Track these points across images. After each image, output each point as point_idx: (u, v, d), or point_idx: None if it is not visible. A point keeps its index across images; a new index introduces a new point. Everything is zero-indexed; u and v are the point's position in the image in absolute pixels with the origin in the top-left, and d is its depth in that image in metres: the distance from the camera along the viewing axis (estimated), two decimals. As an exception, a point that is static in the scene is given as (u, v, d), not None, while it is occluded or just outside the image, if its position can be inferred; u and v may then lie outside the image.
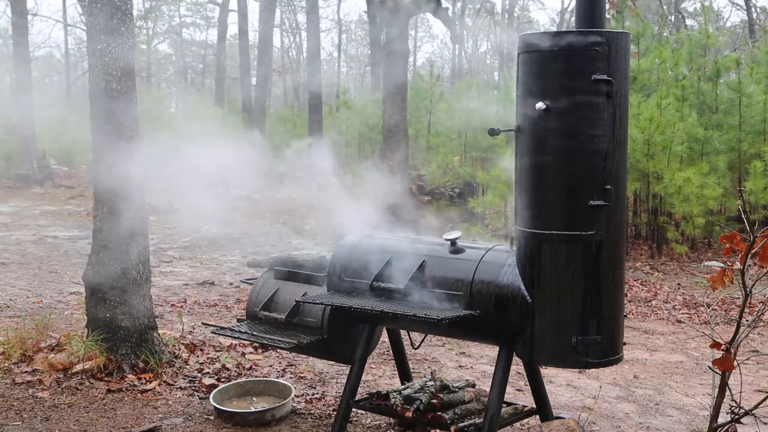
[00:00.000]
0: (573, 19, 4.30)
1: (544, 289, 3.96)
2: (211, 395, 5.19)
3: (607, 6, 13.96)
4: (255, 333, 4.75)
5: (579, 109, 3.78)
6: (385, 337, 5.19)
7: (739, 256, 3.57)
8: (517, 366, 5.71)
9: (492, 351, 6.64)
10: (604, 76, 3.75)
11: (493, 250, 4.27)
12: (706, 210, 12.05)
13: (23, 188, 19.32)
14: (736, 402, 3.81)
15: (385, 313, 4.25)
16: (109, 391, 5.40)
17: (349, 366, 4.67)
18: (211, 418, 5.08)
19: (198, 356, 6.21)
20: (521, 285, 4.03)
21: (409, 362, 5.29)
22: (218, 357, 6.25)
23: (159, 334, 5.96)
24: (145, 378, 5.59)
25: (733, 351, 3.66)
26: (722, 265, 3.63)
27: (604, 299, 3.93)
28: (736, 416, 3.79)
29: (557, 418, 4.56)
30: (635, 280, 10.74)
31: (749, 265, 3.59)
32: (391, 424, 5.01)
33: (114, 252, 5.62)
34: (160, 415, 5.09)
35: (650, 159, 12.22)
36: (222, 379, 5.76)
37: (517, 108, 4.01)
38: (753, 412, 3.76)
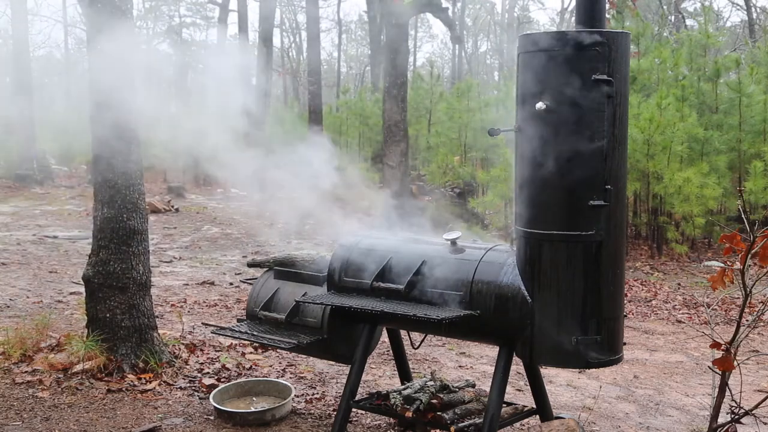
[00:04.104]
0: (573, 19, 4.29)
1: (544, 289, 3.96)
2: (211, 395, 5.19)
3: (607, 6, 13.95)
4: (255, 333, 4.75)
5: (579, 109, 3.78)
6: (385, 337, 5.19)
7: (739, 256, 3.57)
8: (517, 366, 5.71)
9: (492, 351, 6.64)
10: (604, 76, 3.75)
11: (493, 250, 4.26)
12: (706, 210, 12.05)
13: (23, 188, 19.32)
14: (736, 402, 3.81)
15: (385, 313, 4.25)
16: (109, 391, 5.40)
17: (349, 366, 4.67)
18: (211, 418, 5.08)
19: (198, 356, 6.21)
20: (521, 285, 4.03)
21: (409, 362, 5.29)
22: (218, 357, 6.25)
23: (159, 334, 5.96)
24: (145, 378, 5.58)
25: (733, 351, 3.66)
26: (722, 265, 3.63)
27: (604, 299, 3.93)
28: (736, 416, 3.79)
29: (557, 418, 4.56)
30: (635, 280, 10.74)
31: (749, 265, 3.59)
32: (391, 424, 5.01)
33: (114, 252, 5.62)
34: (160, 415, 5.09)
35: (650, 159, 12.22)
36: (222, 379, 5.75)
37: (517, 108, 4.01)
38: (753, 412, 3.76)
